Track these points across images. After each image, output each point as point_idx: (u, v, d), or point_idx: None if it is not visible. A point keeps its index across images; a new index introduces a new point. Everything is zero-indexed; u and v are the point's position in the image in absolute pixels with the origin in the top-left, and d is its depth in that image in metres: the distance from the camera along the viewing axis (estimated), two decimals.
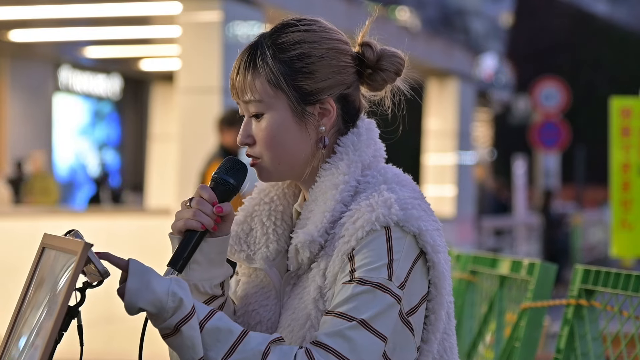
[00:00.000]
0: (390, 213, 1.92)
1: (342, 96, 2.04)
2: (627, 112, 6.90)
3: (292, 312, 2.00)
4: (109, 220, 10.79)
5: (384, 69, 2.10)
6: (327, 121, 2.02)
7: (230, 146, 8.29)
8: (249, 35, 10.28)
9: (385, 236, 1.91)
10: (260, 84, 2.00)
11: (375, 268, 1.89)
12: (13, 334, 2.03)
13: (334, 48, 2.06)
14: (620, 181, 6.88)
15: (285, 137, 2.01)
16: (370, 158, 2.03)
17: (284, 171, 2.04)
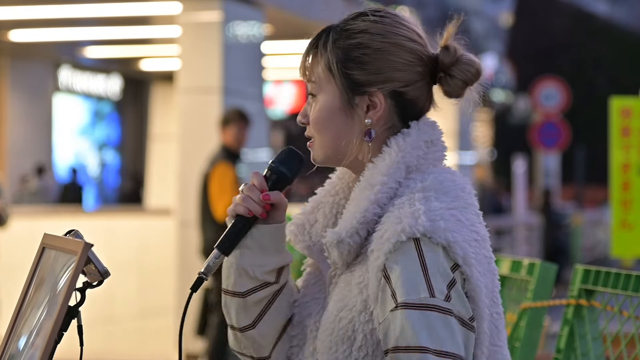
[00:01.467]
0: (416, 224, 1.87)
1: (396, 93, 1.99)
2: (627, 112, 6.90)
3: (331, 316, 1.97)
4: (109, 220, 10.79)
5: (453, 76, 2.03)
6: (374, 114, 1.98)
7: (231, 146, 8.29)
8: (249, 35, 10.29)
9: (415, 250, 1.87)
10: (317, 66, 2.01)
11: (414, 288, 1.85)
12: (13, 334, 2.03)
13: (396, 43, 1.99)
14: (620, 181, 6.88)
15: (331, 122, 2.00)
16: (416, 160, 1.98)
17: (329, 156, 2.02)
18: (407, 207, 1.90)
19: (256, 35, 10.38)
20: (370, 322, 1.91)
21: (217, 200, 8.04)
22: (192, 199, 9.19)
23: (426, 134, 2.02)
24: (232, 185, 8.05)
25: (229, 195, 8.02)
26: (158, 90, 15.34)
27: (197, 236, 8.70)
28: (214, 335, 8.19)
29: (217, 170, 8.09)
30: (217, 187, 8.05)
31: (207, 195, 8.16)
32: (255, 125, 9.27)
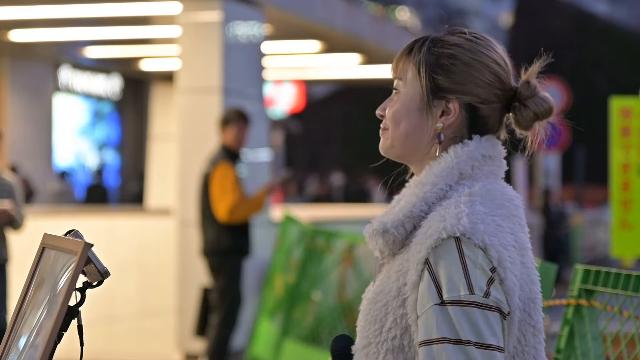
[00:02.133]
0: (458, 224, 2.02)
1: (471, 106, 2.16)
2: (627, 112, 6.90)
3: (370, 299, 2.13)
4: (109, 220, 10.79)
5: (527, 107, 2.19)
6: (446, 120, 2.15)
7: (232, 146, 8.28)
8: (249, 35, 10.28)
9: (456, 248, 2.02)
10: (408, 65, 2.19)
11: (455, 285, 2.00)
12: (13, 334, 2.03)
13: (483, 62, 2.18)
14: (620, 181, 6.88)
15: (406, 117, 2.18)
16: (471, 169, 2.14)
17: (396, 147, 2.19)
18: (453, 208, 2.06)
19: (256, 35, 10.38)
20: (402, 307, 2.07)
21: (218, 201, 8.04)
22: (192, 199, 9.18)
23: (485, 148, 2.16)
24: (233, 185, 8.05)
25: (230, 195, 8.01)
26: (158, 90, 15.34)
27: (197, 236, 8.69)
28: (214, 335, 8.19)
29: (218, 170, 8.08)
30: (218, 188, 8.04)
31: (207, 196, 8.16)
32: (255, 125, 9.26)
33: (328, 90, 34.83)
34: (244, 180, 8.38)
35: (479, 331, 1.98)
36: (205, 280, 8.65)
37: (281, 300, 8.94)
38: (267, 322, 9.04)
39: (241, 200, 8.06)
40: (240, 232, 8.21)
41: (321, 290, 8.67)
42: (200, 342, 8.82)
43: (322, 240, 8.68)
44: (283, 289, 8.97)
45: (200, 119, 9.71)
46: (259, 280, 9.68)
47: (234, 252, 8.22)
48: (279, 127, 24.68)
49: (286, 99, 23.85)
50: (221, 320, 8.18)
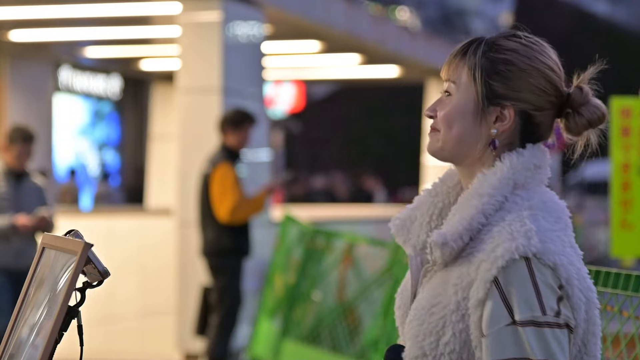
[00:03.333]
0: (529, 244, 2.03)
1: (525, 113, 2.16)
2: (627, 112, 6.90)
3: (424, 308, 2.12)
4: (109, 220, 10.79)
5: (581, 115, 2.20)
6: (500, 126, 2.15)
7: (233, 147, 8.27)
8: (249, 35, 10.28)
9: (526, 268, 2.03)
10: (462, 69, 2.18)
11: (528, 306, 2.02)
12: (13, 333, 2.03)
13: (539, 69, 2.17)
14: (620, 181, 6.88)
15: (460, 121, 2.16)
16: (525, 179, 2.14)
17: (447, 150, 2.19)
18: (518, 224, 2.07)
19: (256, 35, 10.38)
20: (462, 322, 2.07)
21: (219, 202, 8.04)
22: (192, 199, 9.18)
23: (537, 158, 2.17)
24: (234, 186, 8.04)
25: (231, 196, 8.01)
26: (158, 90, 15.34)
27: (197, 236, 8.69)
28: (214, 335, 8.19)
29: (219, 171, 8.07)
30: (219, 188, 8.04)
31: (207, 196, 8.15)
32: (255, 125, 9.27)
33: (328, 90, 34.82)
34: (244, 181, 8.38)
35: (551, 351, 2.01)
36: (205, 280, 8.65)
37: (281, 300, 8.94)
38: (267, 322, 9.04)
39: (242, 200, 8.06)
40: (240, 232, 8.21)
41: (321, 290, 8.67)
42: (200, 341, 8.82)
43: (322, 240, 8.68)
44: (283, 289, 8.97)
45: (200, 119, 9.71)
46: (259, 280, 9.68)
47: (234, 252, 8.22)
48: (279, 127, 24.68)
49: (286, 99, 23.84)
50: (221, 320, 8.18)
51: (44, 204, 7.37)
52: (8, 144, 7.35)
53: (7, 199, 7.24)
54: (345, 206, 18.62)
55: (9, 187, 7.27)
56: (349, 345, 8.06)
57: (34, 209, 7.25)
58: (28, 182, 7.37)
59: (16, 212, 7.18)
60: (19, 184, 7.31)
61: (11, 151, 7.31)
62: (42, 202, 7.36)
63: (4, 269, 7.19)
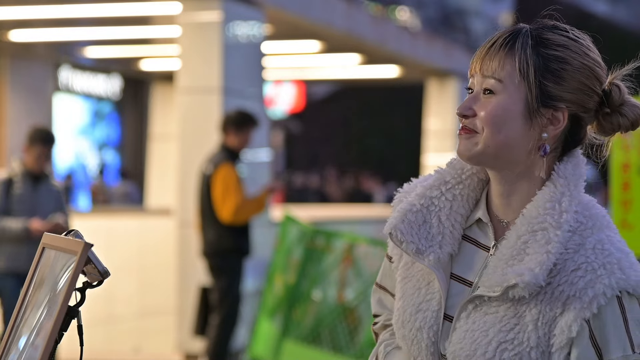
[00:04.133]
0: (628, 278, 1.90)
1: (576, 116, 1.98)
2: None
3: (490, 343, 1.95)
4: (109, 220, 10.79)
5: (624, 115, 2.03)
6: (553, 130, 1.97)
7: (234, 147, 8.26)
8: (249, 35, 10.28)
9: (618, 305, 1.90)
10: (510, 66, 1.96)
11: (618, 345, 1.90)
12: (13, 334, 2.03)
13: (591, 68, 1.99)
14: (620, 181, 6.88)
15: (508, 122, 1.95)
16: (573, 188, 1.98)
17: (489, 154, 1.96)
18: (606, 254, 1.92)
19: (256, 35, 10.38)
20: (542, 358, 1.92)
21: (222, 202, 8.03)
22: (192, 199, 9.18)
23: (584, 168, 2.03)
24: (236, 186, 8.05)
25: (233, 196, 8.01)
26: (158, 90, 15.34)
27: (197, 236, 8.69)
28: (214, 335, 8.19)
29: (220, 171, 8.07)
30: (222, 189, 8.04)
31: (208, 196, 8.15)
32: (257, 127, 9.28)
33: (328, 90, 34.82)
34: (244, 181, 8.38)
35: None
36: (205, 280, 8.65)
37: (281, 300, 8.94)
38: (267, 322, 9.04)
39: (244, 201, 8.07)
40: (241, 232, 8.21)
41: (321, 290, 8.67)
42: (200, 342, 8.82)
43: (322, 240, 8.68)
44: (283, 289, 8.97)
45: (200, 119, 9.71)
46: (259, 280, 9.68)
47: (235, 252, 8.22)
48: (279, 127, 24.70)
49: (286, 99, 23.85)
50: (221, 320, 8.18)
51: (61, 207, 7.31)
52: (28, 145, 7.23)
53: (24, 202, 7.17)
54: (345, 206, 18.62)
55: (26, 189, 7.19)
56: (349, 345, 8.06)
57: (50, 212, 7.18)
58: (46, 185, 7.28)
59: (32, 215, 7.10)
60: (36, 186, 7.22)
61: (31, 152, 7.20)
62: (59, 206, 7.30)
63: (17, 272, 7.15)
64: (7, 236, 7.02)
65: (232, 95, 9.86)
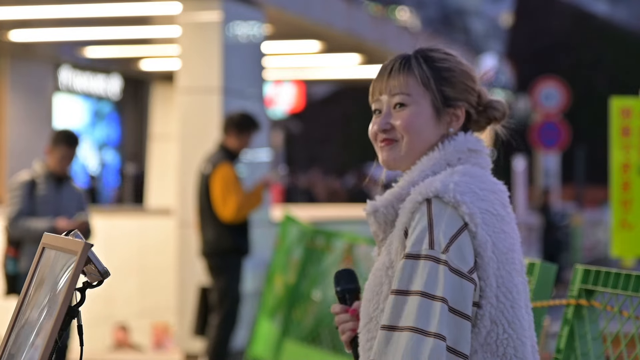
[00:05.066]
0: (431, 187, 2.27)
1: (467, 111, 2.45)
2: (627, 112, 6.90)
3: (370, 281, 2.34)
4: (109, 220, 10.79)
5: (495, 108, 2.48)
6: (456, 124, 2.43)
7: (234, 149, 8.26)
8: (249, 35, 10.28)
9: (426, 209, 2.24)
10: (412, 81, 2.43)
11: (418, 240, 2.23)
12: (13, 334, 2.03)
13: (468, 73, 2.47)
14: (620, 181, 6.88)
15: (423, 127, 2.40)
16: (457, 161, 2.37)
17: (411, 156, 2.41)
18: (429, 180, 2.30)
19: (256, 35, 10.38)
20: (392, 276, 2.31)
21: (223, 202, 8.03)
22: (192, 199, 9.18)
23: (471, 142, 2.42)
24: (236, 185, 8.05)
25: (234, 195, 8.01)
26: (158, 90, 15.34)
27: (196, 236, 8.69)
28: (214, 335, 8.19)
29: (219, 171, 8.07)
30: (222, 188, 8.03)
31: (207, 196, 8.15)
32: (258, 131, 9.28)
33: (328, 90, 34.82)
34: (243, 180, 8.38)
35: (426, 282, 2.18)
36: (205, 280, 8.65)
37: (281, 300, 8.94)
38: (267, 322, 9.04)
39: (244, 198, 8.07)
40: (241, 232, 8.21)
41: (321, 290, 8.67)
42: (200, 341, 8.82)
43: (322, 240, 8.68)
44: (283, 289, 8.97)
45: (200, 119, 9.71)
46: (259, 280, 9.68)
47: (234, 251, 8.22)
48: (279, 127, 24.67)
49: (286, 99, 23.84)
50: (221, 320, 8.18)
51: (82, 209, 7.31)
52: (52, 146, 7.16)
53: (47, 203, 7.13)
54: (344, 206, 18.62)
55: (49, 190, 7.15)
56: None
57: (73, 213, 7.16)
58: (69, 186, 7.26)
59: (56, 216, 7.08)
60: (59, 187, 7.18)
61: (54, 154, 7.14)
62: (81, 207, 7.30)
63: None
64: (33, 236, 6.97)
65: (232, 96, 9.85)
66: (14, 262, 7.09)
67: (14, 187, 7.14)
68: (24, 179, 7.14)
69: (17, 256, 7.10)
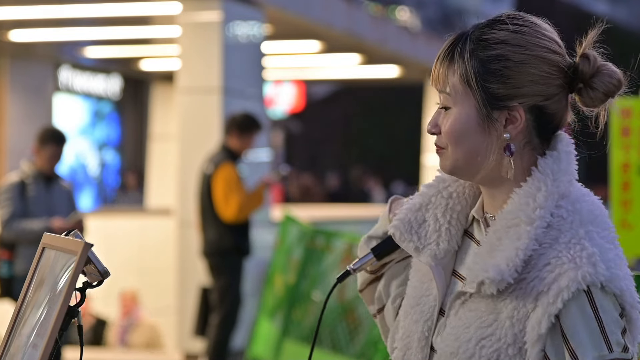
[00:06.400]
0: (596, 272, 1.84)
1: (536, 107, 1.92)
2: (627, 112, 6.90)
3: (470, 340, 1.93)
4: (109, 220, 10.79)
5: (594, 88, 1.95)
6: (513, 129, 1.92)
7: (236, 149, 8.26)
8: (249, 35, 10.29)
9: (588, 301, 1.83)
10: (452, 78, 1.94)
11: (593, 344, 1.83)
12: (13, 334, 2.03)
13: (538, 56, 1.93)
14: (620, 181, 6.88)
15: (467, 135, 1.93)
16: (566, 186, 1.93)
17: (462, 168, 1.95)
18: (579, 248, 1.86)
19: (256, 35, 10.38)
20: (518, 356, 1.89)
21: (225, 201, 8.03)
22: (192, 199, 9.18)
23: (571, 154, 1.97)
24: (238, 185, 8.05)
25: (236, 195, 8.01)
26: (158, 90, 15.34)
27: (197, 236, 8.69)
28: (214, 335, 8.19)
29: (221, 171, 8.07)
30: (224, 188, 8.03)
31: (209, 196, 8.15)
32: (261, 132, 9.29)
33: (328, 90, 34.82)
34: (245, 180, 8.39)
35: None
36: (205, 280, 8.65)
37: (281, 300, 8.94)
38: (267, 322, 9.04)
39: (246, 198, 8.08)
40: (242, 232, 8.22)
41: (321, 290, 8.67)
42: (200, 341, 8.82)
43: (322, 240, 8.68)
44: (283, 289, 8.97)
45: (200, 119, 9.71)
46: (259, 280, 9.68)
47: (235, 251, 8.22)
48: (279, 127, 24.69)
49: (286, 99, 23.85)
50: (221, 320, 8.18)
51: (74, 207, 7.29)
52: (40, 146, 7.13)
53: (39, 203, 7.11)
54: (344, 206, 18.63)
55: (39, 190, 7.12)
56: (349, 345, 8.06)
57: (65, 212, 7.13)
58: (58, 186, 7.24)
59: (49, 215, 7.05)
60: (49, 187, 7.15)
61: (43, 153, 7.12)
62: (72, 206, 7.28)
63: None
64: (28, 237, 6.94)
65: (232, 95, 9.86)
66: (8, 265, 7.07)
67: (4, 189, 7.09)
68: (13, 181, 7.10)
69: (11, 259, 7.08)
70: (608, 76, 1.96)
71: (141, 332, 10.02)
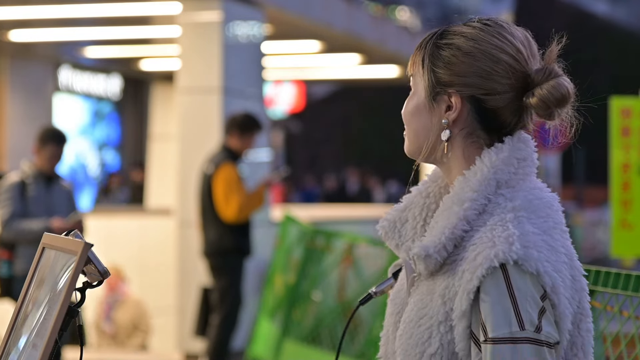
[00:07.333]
0: (510, 250, 1.88)
1: (474, 98, 2.00)
2: (627, 112, 6.90)
3: (412, 321, 2.01)
4: (109, 220, 10.79)
5: (535, 95, 2.01)
6: (449, 115, 2.01)
7: (236, 149, 8.25)
8: (249, 35, 10.28)
9: (503, 279, 1.88)
10: (417, 60, 2.07)
11: (505, 321, 1.87)
12: (13, 334, 2.03)
13: (488, 52, 2.01)
14: (620, 181, 6.88)
15: (416, 116, 2.06)
16: (508, 176, 2.00)
17: (412, 149, 2.08)
18: (500, 229, 1.92)
19: (256, 35, 10.38)
20: (450, 333, 1.95)
21: (226, 202, 8.02)
22: (192, 199, 9.18)
23: (519, 150, 2.03)
24: (238, 185, 8.05)
25: (237, 195, 8.01)
26: (158, 90, 15.34)
27: (197, 236, 8.69)
28: (214, 335, 8.19)
29: (222, 171, 8.07)
30: (225, 189, 8.03)
31: (209, 196, 8.14)
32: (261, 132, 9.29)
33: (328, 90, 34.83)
34: (245, 180, 8.38)
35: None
36: (205, 280, 8.65)
37: (281, 300, 8.94)
38: (267, 322, 9.04)
39: (246, 198, 8.08)
40: (242, 232, 8.21)
41: (321, 290, 8.67)
42: (200, 342, 8.82)
43: (322, 240, 8.68)
44: (283, 289, 8.97)
45: (200, 119, 9.71)
46: (259, 280, 9.68)
47: (236, 252, 8.22)
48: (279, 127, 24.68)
49: (286, 99, 23.84)
50: (222, 321, 8.18)
51: (74, 207, 7.28)
52: (40, 146, 7.11)
53: (39, 203, 7.09)
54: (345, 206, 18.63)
55: (39, 190, 7.10)
56: (349, 345, 8.06)
57: (65, 212, 7.12)
58: (58, 186, 7.22)
59: (49, 215, 7.03)
60: (49, 187, 7.12)
61: (43, 153, 7.09)
62: (72, 206, 7.27)
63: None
64: (28, 237, 6.93)
65: (232, 95, 9.85)
66: (8, 265, 7.06)
67: (4, 189, 7.08)
68: (13, 181, 7.08)
69: (11, 259, 7.07)
70: (553, 87, 2.00)
71: (127, 309, 9.99)
